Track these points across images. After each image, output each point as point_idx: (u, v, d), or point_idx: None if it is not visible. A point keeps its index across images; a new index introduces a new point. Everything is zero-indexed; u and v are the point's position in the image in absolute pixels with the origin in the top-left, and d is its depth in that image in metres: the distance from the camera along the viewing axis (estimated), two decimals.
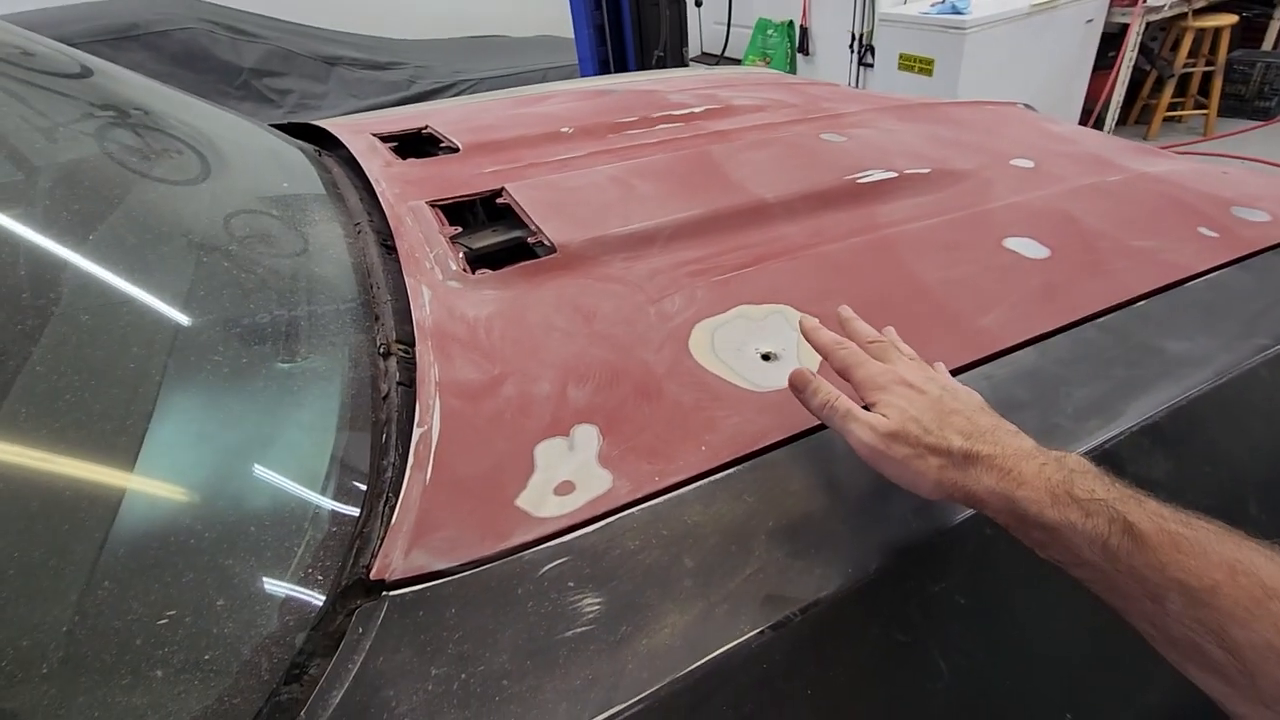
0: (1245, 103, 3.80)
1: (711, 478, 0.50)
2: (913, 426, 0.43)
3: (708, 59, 4.56)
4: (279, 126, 1.35)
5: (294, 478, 0.49)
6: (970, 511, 0.47)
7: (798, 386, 0.50)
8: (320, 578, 0.43)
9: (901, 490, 0.48)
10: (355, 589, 0.43)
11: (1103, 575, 0.36)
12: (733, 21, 4.41)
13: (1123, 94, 3.46)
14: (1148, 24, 3.27)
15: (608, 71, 2.47)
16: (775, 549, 0.45)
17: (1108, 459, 0.52)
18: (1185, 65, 3.52)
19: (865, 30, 3.59)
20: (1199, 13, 3.39)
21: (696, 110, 1.29)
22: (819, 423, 0.54)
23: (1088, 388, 0.59)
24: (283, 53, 2.71)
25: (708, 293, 0.71)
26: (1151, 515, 0.35)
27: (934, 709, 0.43)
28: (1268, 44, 4.00)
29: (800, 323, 0.55)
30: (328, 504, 0.48)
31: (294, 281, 0.72)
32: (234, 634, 0.38)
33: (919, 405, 0.44)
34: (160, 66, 2.44)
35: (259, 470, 0.48)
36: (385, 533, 0.45)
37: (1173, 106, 3.68)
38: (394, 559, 0.43)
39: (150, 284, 0.60)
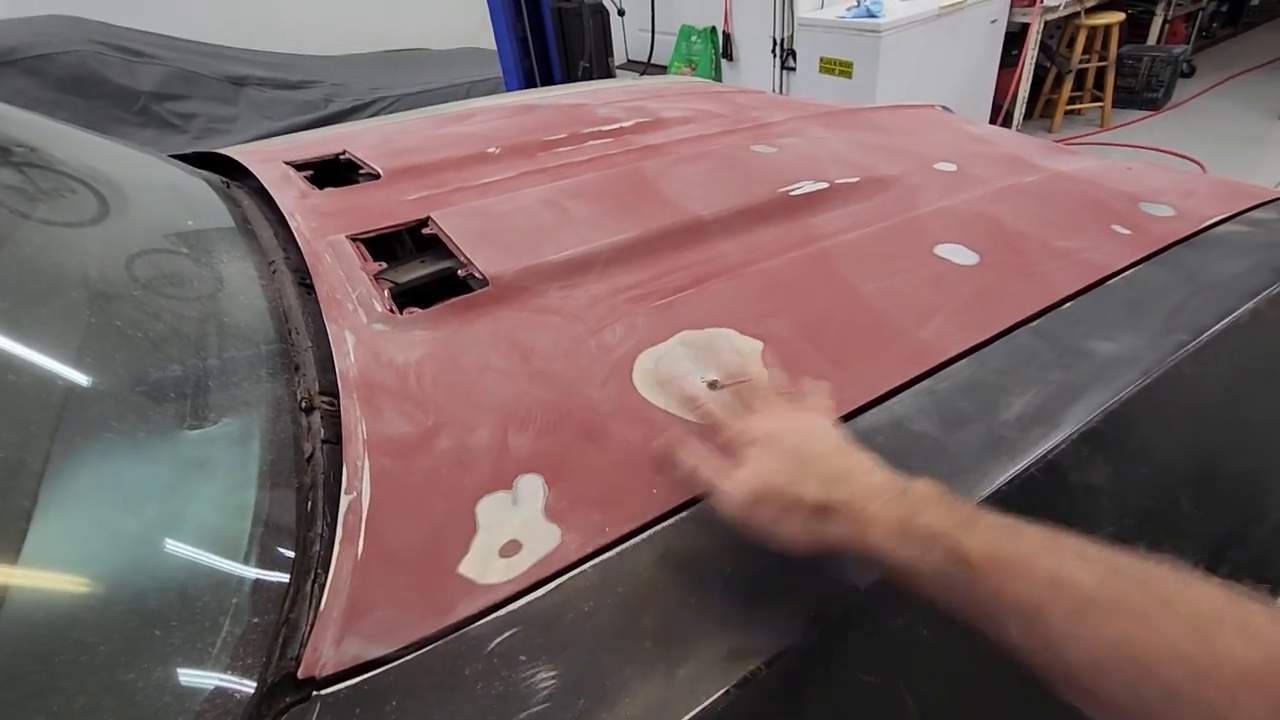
0: (1136, 94, 4.07)
1: (665, 523, 0.48)
2: (769, 490, 0.41)
3: (634, 66, 4.57)
4: (182, 157, 1.27)
5: (207, 565, 0.44)
6: None
7: (660, 464, 0.48)
8: (241, 680, 0.38)
9: None
10: (284, 686, 0.39)
11: (956, 612, 0.34)
12: (657, 29, 4.44)
13: (1027, 90, 3.65)
14: (1045, 23, 3.46)
15: (533, 84, 2.43)
16: (735, 597, 0.43)
17: (1051, 469, 0.53)
18: (1081, 61, 3.74)
19: (786, 35, 3.67)
20: (1090, 11, 3.61)
21: (626, 124, 1.28)
22: None
23: (1027, 396, 0.60)
24: (184, 74, 2.55)
25: (648, 319, 0.69)
26: (982, 538, 0.34)
27: None
28: (1152, 39, 4.30)
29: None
30: (247, 591, 0.43)
31: (201, 333, 0.66)
32: None
33: (776, 462, 0.42)
34: (45, 94, 2.26)
35: (165, 561, 0.43)
36: (314, 619, 0.41)
37: (1072, 100, 3.91)
38: (324, 650, 0.39)
39: (30, 345, 0.54)
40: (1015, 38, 3.48)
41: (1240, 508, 0.65)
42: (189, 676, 0.38)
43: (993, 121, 3.72)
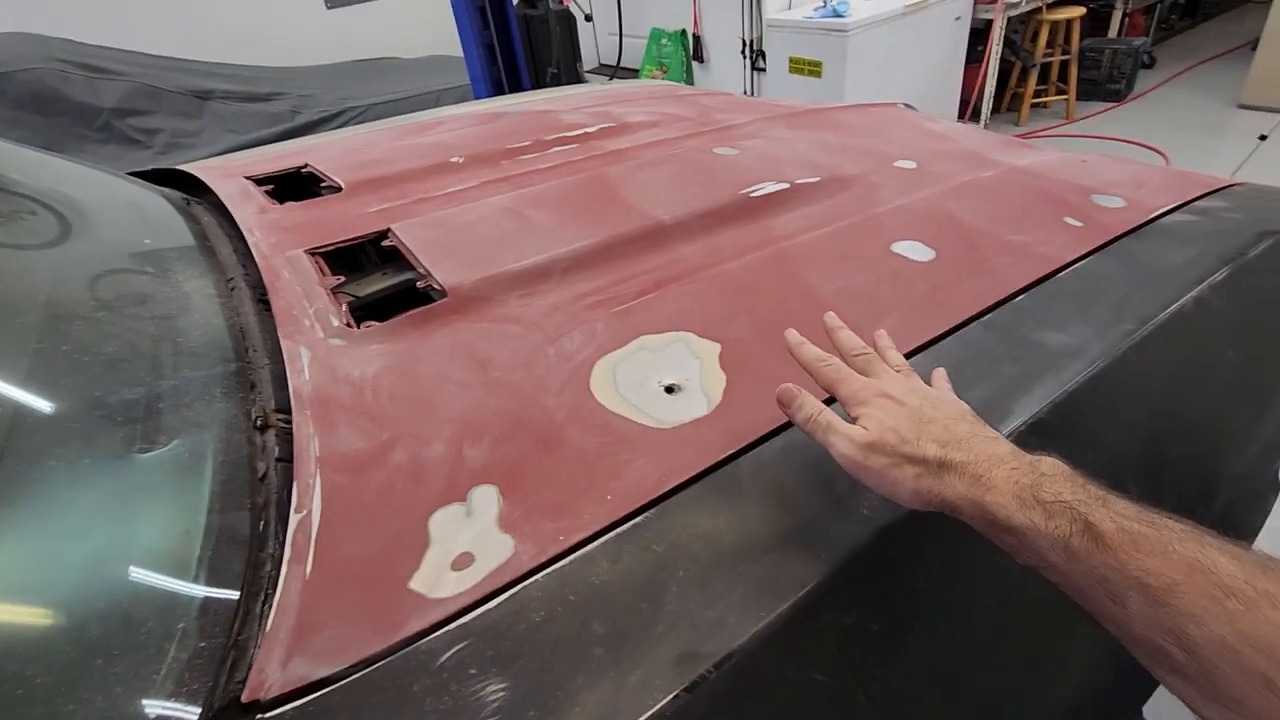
0: (1099, 86, 4.14)
1: (619, 530, 0.48)
2: (890, 437, 0.43)
3: (606, 71, 4.58)
4: (141, 174, 1.25)
5: (153, 590, 0.43)
6: (874, 534, 0.47)
7: (784, 402, 0.50)
8: (186, 707, 0.38)
9: (810, 519, 0.48)
10: (229, 711, 0.38)
11: (1067, 577, 0.36)
12: (627, 32, 4.45)
13: (994, 85, 3.71)
14: (1009, 18, 3.52)
15: (501, 91, 2.43)
16: (687, 600, 0.43)
17: None
18: (1045, 55, 3.80)
19: (755, 36, 3.70)
20: (1051, 6, 3.67)
21: (591, 130, 1.28)
22: (724, 457, 0.53)
23: (979, 389, 0.60)
24: (147, 89, 2.51)
25: (607, 326, 0.69)
26: (1114, 515, 0.35)
27: None
28: (1112, 32, 4.38)
29: (786, 338, 0.55)
30: (195, 614, 0.43)
31: (155, 353, 0.65)
32: None
33: (898, 416, 0.45)
34: (2, 112, 2.22)
35: (109, 588, 0.43)
36: (260, 641, 0.40)
37: (1038, 94, 3.97)
38: (269, 673, 0.39)
39: None
40: (980, 34, 3.54)
41: (1188, 492, 0.66)
42: (132, 706, 0.37)
43: (961, 117, 3.77)
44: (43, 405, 0.55)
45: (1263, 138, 2.48)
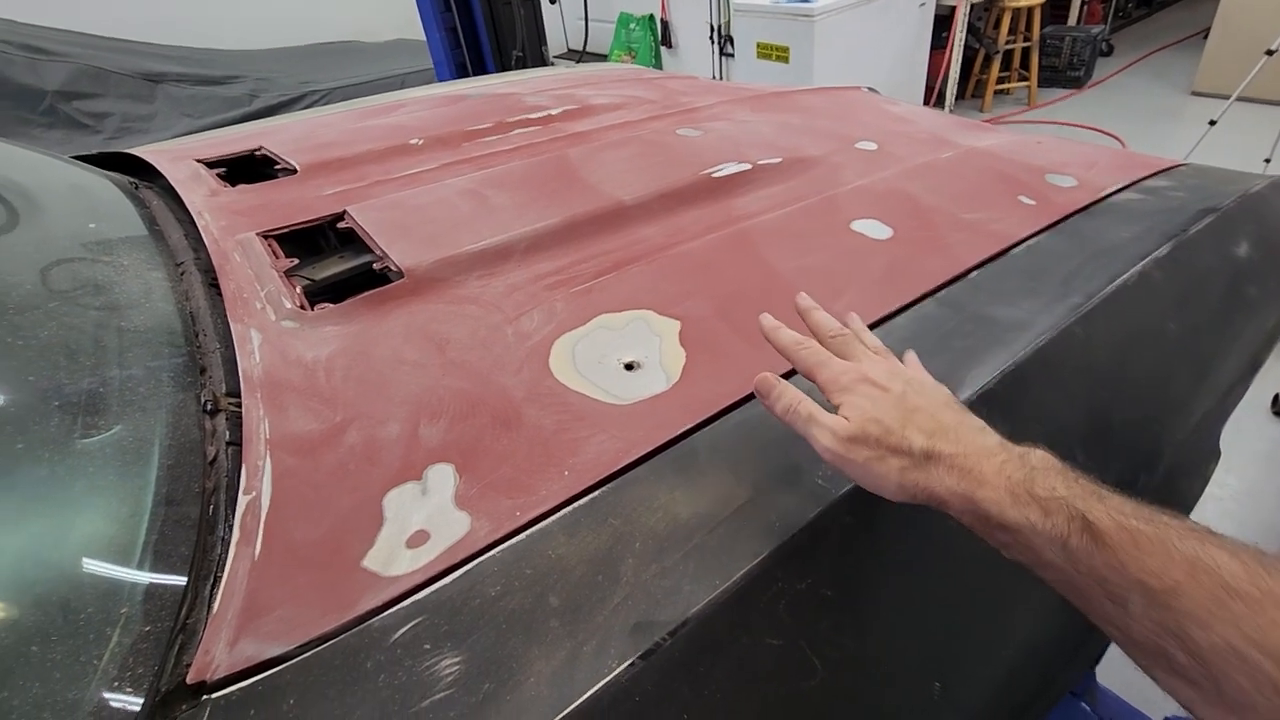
0: (1059, 73, 4.23)
1: (576, 504, 0.48)
2: (873, 428, 0.41)
3: (572, 56, 4.53)
4: (87, 158, 1.20)
5: (94, 576, 0.42)
6: (829, 502, 0.48)
7: (762, 392, 0.48)
8: (129, 691, 0.37)
9: (765, 490, 0.49)
10: (177, 695, 0.38)
11: (1065, 577, 0.35)
12: (595, 17, 4.41)
13: (958, 71, 3.76)
14: (972, 5, 3.56)
15: (465, 75, 2.39)
16: (642, 571, 0.43)
17: None
18: (1007, 42, 3.87)
19: (723, 21, 3.69)
20: None
21: (554, 112, 1.26)
22: (680, 432, 0.54)
23: (931, 362, 0.61)
24: (93, 71, 2.41)
25: (567, 305, 0.69)
26: (1112, 512, 0.34)
27: (812, 707, 0.43)
28: (1072, 20, 4.47)
29: (760, 322, 0.52)
30: (139, 599, 0.42)
31: (100, 339, 0.63)
32: None
33: (881, 404, 0.43)
34: None
35: (47, 575, 0.41)
36: (207, 623, 0.40)
37: (1001, 80, 4.04)
38: (216, 654, 0.38)
39: None
40: (945, 20, 3.58)
41: (1132, 459, 0.69)
42: (71, 691, 0.36)
43: (926, 102, 3.82)
44: None
45: (1212, 123, 2.56)
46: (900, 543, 0.51)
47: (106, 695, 0.37)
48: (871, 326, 0.66)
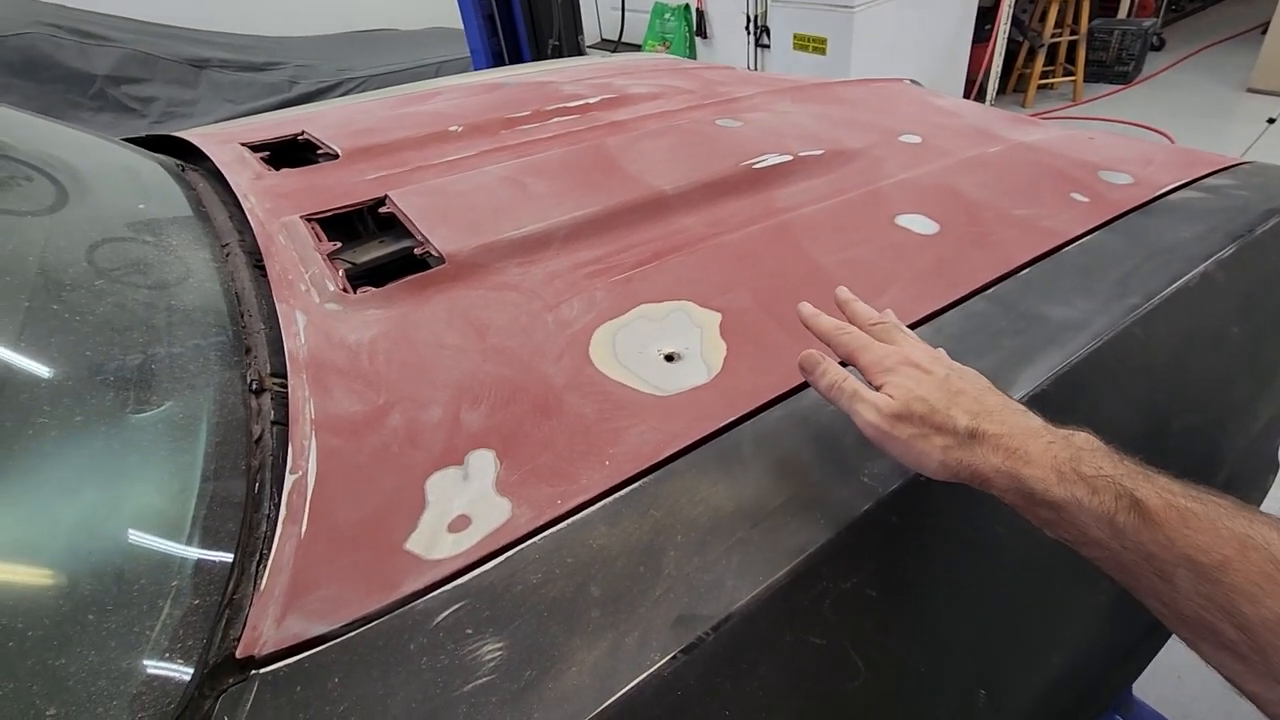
0: (1107, 68, 4.10)
1: (617, 494, 0.48)
2: (918, 406, 0.42)
3: (607, 46, 4.52)
4: (136, 140, 1.23)
5: (147, 549, 0.43)
6: (876, 500, 0.47)
7: (807, 368, 0.49)
8: (180, 662, 0.38)
9: (809, 486, 0.48)
10: (224, 668, 0.38)
11: (1111, 553, 0.35)
12: (631, 7, 4.38)
13: (1000, 65, 3.66)
14: None
15: (502, 63, 2.39)
16: (685, 564, 0.43)
17: None
18: (1053, 35, 3.75)
19: (760, 11, 3.63)
20: None
21: (591, 101, 1.26)
22: (723, 425, 0.53)
23: (981, 361, 0.60)
24: (141, 56, 2.47)
25: (607, 294, 0.69)
26: (1160, 490, 0.35)
27: (854, 708, 0.42)
28: (1122, 13, 4.32)
29: (799, 310, 0.53)
30: (189, 573, 0.42)
31: (149, 318, 0.65)
32: None
33: (925, 385, 0.43)
34: None
35: (102, 546, 0.42)
36: (254, 600, 0.40)
37: (1045, 74, 3.92)
38: (264, 630, 0.38)
39: None
40: (988, 13, 3.48)
41: (1189, 466, 0.66)
42: (125, 661, 0.37)
43: (966, 96, 3.73)
44: (35, 366, 0.54)
45: (1271, 121, 2.45)
46: (947, 544, 0.50)
47: (158, 665, 0.37)
48: (918, 323, 0.65)
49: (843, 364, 0.49)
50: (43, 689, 0.34)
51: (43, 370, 0.53)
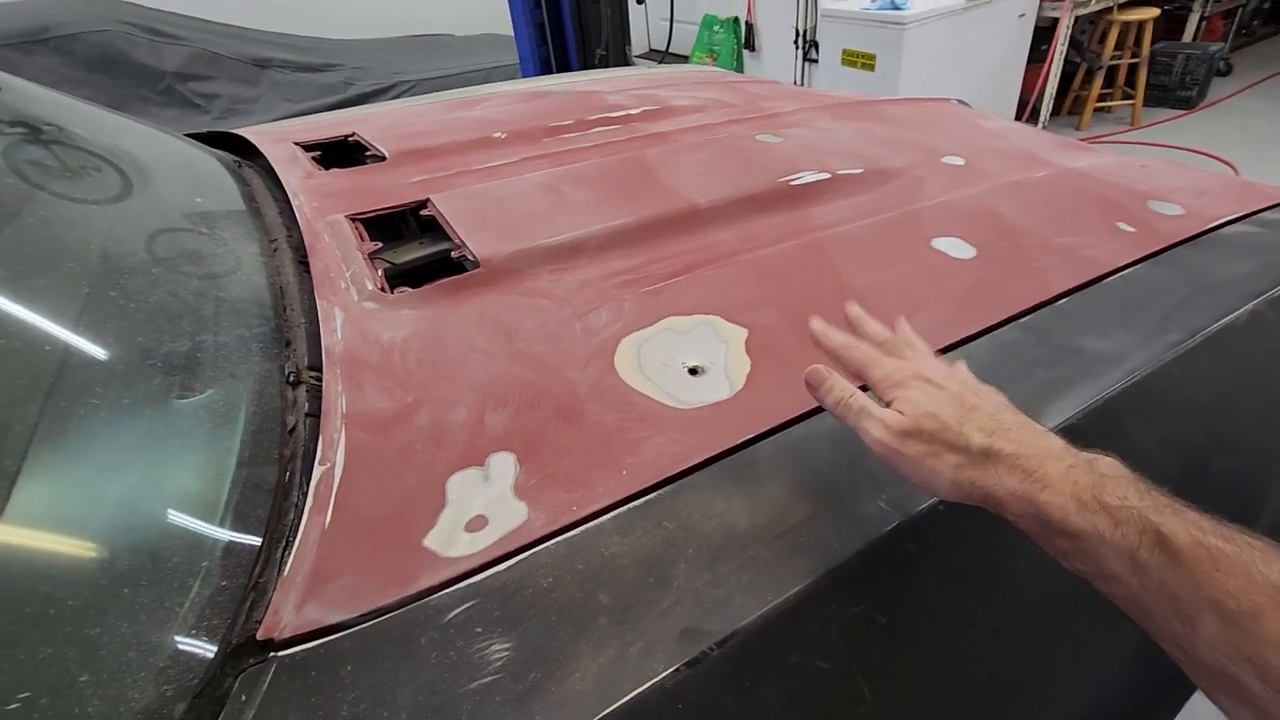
0: (1169, 92, 3.96)
1: (631, 504, 0.48)
2: (929, 422, 0.40)
3: (654, 56, 4.55)
4: (197, 136, 1.29)
5: (180, 529, 0.45)
6: (888, 528, 0.46)
7: (813, 384, 0.47)
8: (206, 639, 0.39)
9: (824, 508, 0.48)
10: (245, 649, 0.40)
11: (1129, 591, 0.33)
12: (680, 18, 4.41)
13: (1055, 86, 3.57)
14: (1076, 18, 3.38)
15: (549, 71, 2.43)
16: (694, 578, 0.43)
17: None
18: (1112, 57, 3.65)
19: (809, 26, 3.62)
20: (1124, 6, 3.52)
21: (634, 112, 1.27)
22: (742, 440, 0.53)
23: (1012, 390, 0.58)
24: (208, 55, 2.59)
25: (636, 305, 0.69)
26: (1189, 527, 0.32)
27: None
28: (1188, 36, 4.18)
29: (811, 327, 0.51)
30: (218, 555, 0.44)
31: (197, 307, 0.68)
32: (100, 712, 0.35)
33: (937, 400, 0.41)
34: (73, 72, 2.31)
35: (139, 524, 0.44)
36: (277, 585, 0.42)
37: (1102, 97, 3.82)
38: (284, 615, 0.40)
39: (31, 311, 0.55)
40: (1045, 32, 3.41)
41: (1229, 509, 0.63)
42: (154, 634, 0.39)
43: (1018, 118, 3.65)
44: (91, 348, 0.57)
45: None
46: (964, 576, 0.49)
47: (184, 641, 0.39)
48: (948, 348, 0.64)
49: (863, 388, 0.48)
50: (77, 656, 0.36)
51: (97, 352, 0.56)
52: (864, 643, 0.43)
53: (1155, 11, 3.51)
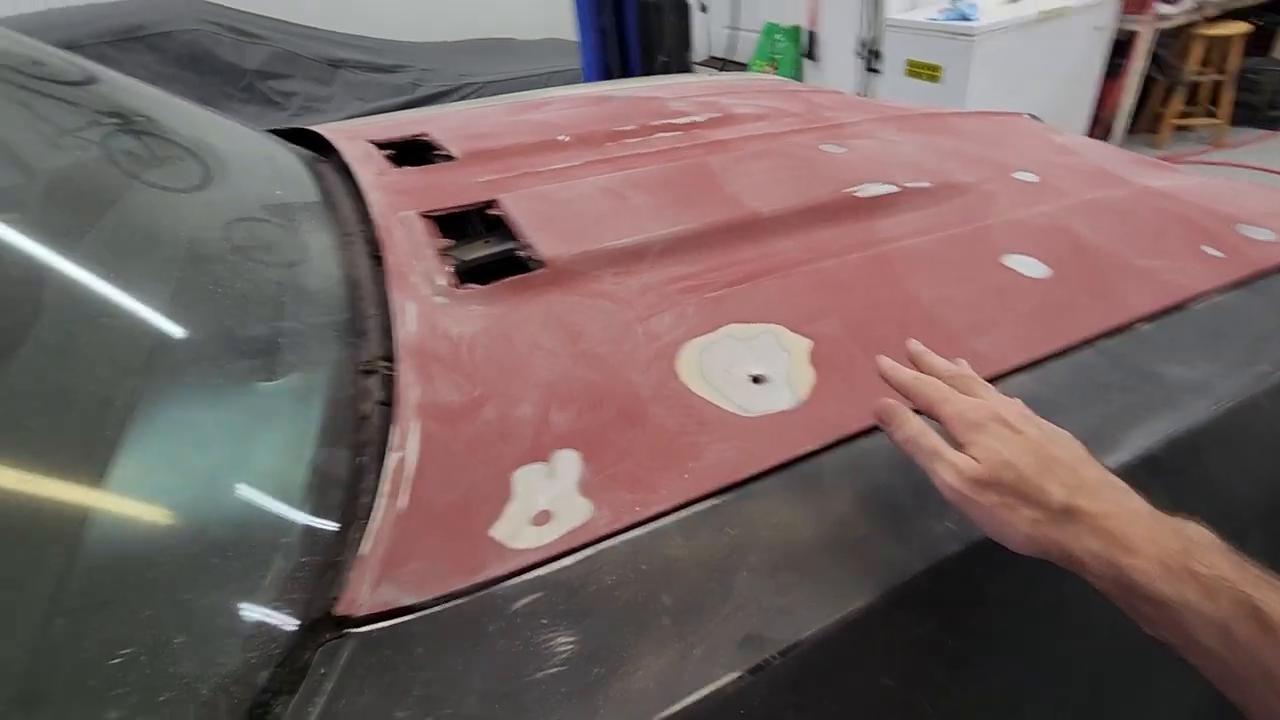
0: (1257, 112, 3.76)
1: (694, 508, 0.49)
2: (1006, 473, 0.39)
3: (715, 63, 4.55)
4: (278, 132, 1.35)
5: (265, 505, 0.48)
6: (958, 549, 0.45)
7: (884, 419, 0.46)
8: (288, 611, 0.41)
9: (890, 525, 0.47)
10: (323, 623, 0.42)
11: (1220, 664, 0.32)
12: (742, 26, 4.40)
13: (1133, 102, 3.43)
14: (1158, 32, 3.24)
15: (611, 77, 2.46)
16: (757, 586, 0.43)
17: None
18: (1196, 73, 3.49)
19: (872, 36, 3.57)
20: (1210, 21, 3.36)
21: (696, 119, 1.28)
22: (806, 451, 0.53)
23: (1084, 415, 0.57)
24: (287, 55, 2.71)
25: (698, 311, 0.70)
26: None
27: None
28: (1279, 52, 3.96)
29: (878, 363, 0.50)
30: (299, 532, 0.46)
31: (279, 295, 0.71)
32: (192, 673, 0.37)
33: (1015, 448, 0.40)
34: (164, 68, 2.45)
35: (229, 497, 0.47)
36: (353, 564, 0.44)
37: (1183, 115, 3.65)
38: (361, 593, 0.42)
39: (128, 297, 0.59)
40: (1123, 46, 3.28)
41: None
42: (240, 604, 0.41)
43: (1092, 134, 3.51)
44: (183, 332, 0.60)
45: None
46: (1031, 605, 0.48)
47: (267, 613, 0.41)
48: (1018, 370, 0.62)
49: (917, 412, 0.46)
50: (173, 619, 0.38)
51: (190, 336, 0.60)
52: (929, 664, 0.43)
53: (1245, 26, 3.35)
